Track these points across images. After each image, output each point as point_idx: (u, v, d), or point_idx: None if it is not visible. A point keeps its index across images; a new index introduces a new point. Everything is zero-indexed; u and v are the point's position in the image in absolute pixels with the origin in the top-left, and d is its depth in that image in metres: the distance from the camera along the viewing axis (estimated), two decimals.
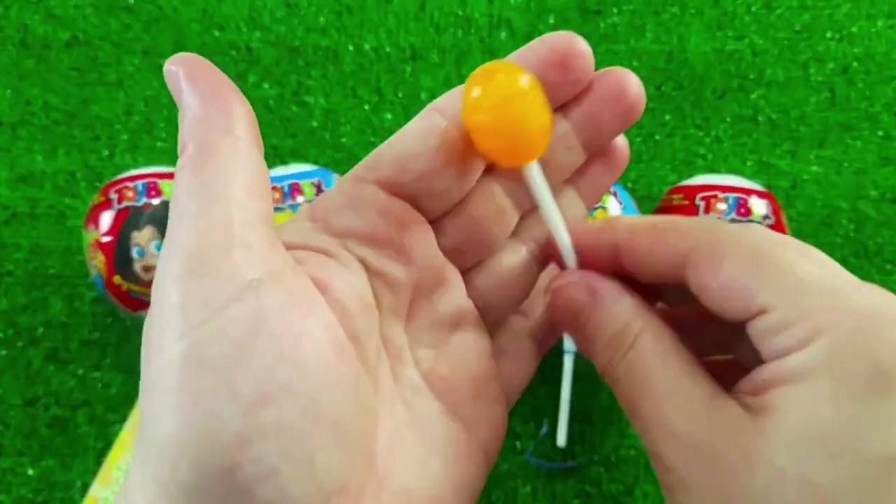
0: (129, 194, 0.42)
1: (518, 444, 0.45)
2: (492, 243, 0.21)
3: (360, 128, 0.51)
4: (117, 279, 0.41)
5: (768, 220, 0.42)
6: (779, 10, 0.54)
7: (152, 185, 0.43)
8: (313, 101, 0.52)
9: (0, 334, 0.47)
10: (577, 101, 0.20)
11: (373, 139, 0.51)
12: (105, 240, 0.41)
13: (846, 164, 0.50)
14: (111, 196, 0.42)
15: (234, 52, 0.53)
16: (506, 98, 0.18)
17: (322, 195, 0.20)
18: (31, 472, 0.44)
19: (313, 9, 0.54)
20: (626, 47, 0.53)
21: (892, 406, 0.14)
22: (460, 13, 0.53)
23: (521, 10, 0.53)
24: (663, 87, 0.52)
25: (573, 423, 0.44)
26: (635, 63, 0.53)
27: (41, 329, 0.47)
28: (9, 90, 0.52)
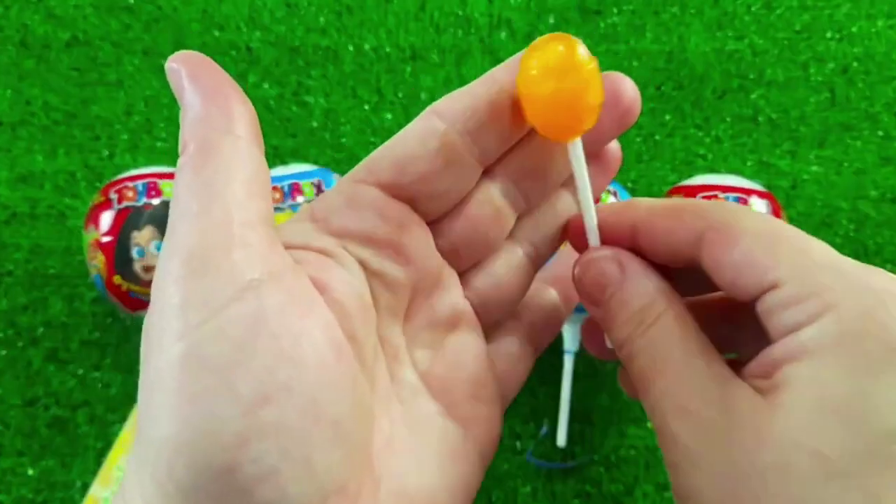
0: (129, 194, 0.42)
1: (518, 444, 0.45)
2: (489, 245, 0.21)
3: (360, 128, 0.51)
4: (117, 279, 0.41)
5: None
6: (779, 10, 0.54)
7: (152, 185, 0.43)
8: (313, 101, 0.52)
9: (0, 334, 0.47)
10: None
11: (373, 139, 0.51)
12: (105, 240, 0.41)
13: (846, 164, 0.50)
14: (111, 196, 0.42)
15: (234, 52, 0.53)
16: (566, 70, 0.18)
17: (322, 196, 0.20)
18: (31, 472, 0.44)
19: (313, 9, 0.54)
20: (626, 47, 0.53)
21: None
22: (460, 13, 0.53)
23: (521, 10, 0.53)
24: (663, 88, 0.52)
25: (573, 423, 0.44)
26: (635, 63, 0.53)
27: (41, 329, 0.47)
28: (9, 90, 0.52)
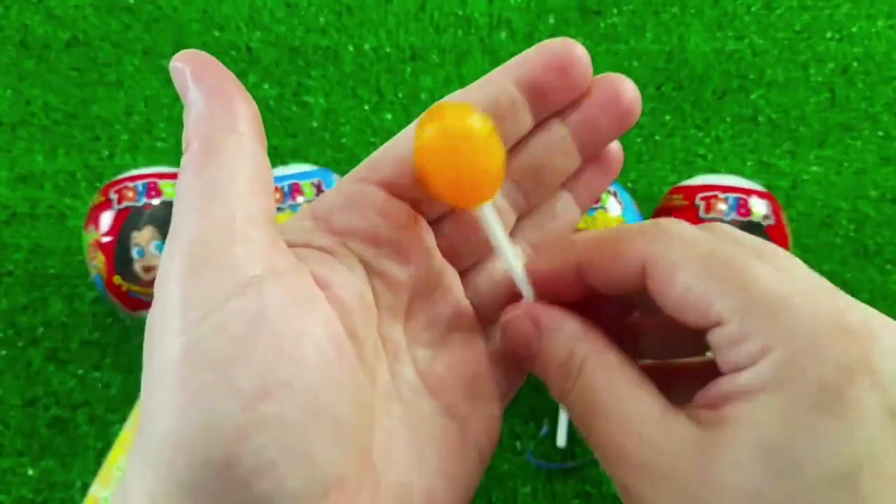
0: (129, 194, 0.42)
1: (518, 444, 0.45)
2: (489, 245, 0.21)
3: (360, 128, 0.51)
4: (117, 279, 0.41)
5: (768, 221, 0.42)
6: (779, 11, 0.54)
7: (152, 185, 0.43)
8: (313, 101, 0.52)
9: (0, 334, 0.47)
10: (574, 106, 0.21)
11: (373, 139, 0.51)
12: (105, 240, 0.41)
13: (846, 164, 0.50)
14: (111, 196, 0.42)
15: (234, 53, 0.53)
16: (456, 140, 0.18)
17: (323, 195, 0.20)
18: (31, 472, 0.44)
19: (313, 9, 0.54)
20: (626, 47, 0.53)
21: (835, 423, 0.15)
22: (460, 13, 0.53)
23: (521, 10, 0.53)
24: (663, 88, 0.52)
25: (573, 424, 0.44)
26: (635, 63, 0.53)
27: (41, 329, 0.47)
28: (9, 90, 0.52)
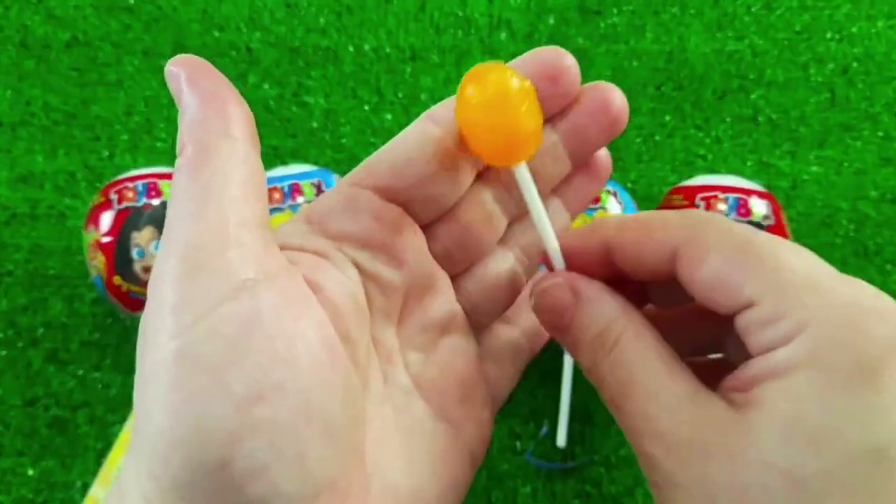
0: (129, 195, 0.42)
1: (518, 444, 0.45)
2: (481, 249, 0.22)
3: (360, 128, 0.51)
4: (117, 280, 0.41)
5: (768, 221, 0.42)
6: (779, 11, 0.54)
7: (152, 185, 0.43)
8: (313, 101, 0.52)
9: (0, 335, 0.47)
10: (564, 113, 0.21)
11: (373, 140, 0.51)
12: (105, 240, 0.41)
13: (846, 164, 0.50)
14: (111, 196, 0.42)
15: (234, 53, 0.53)
16: (497, 96, 0.18)
17: (318, 199, 0.20)
18: (31, 473, 0.44)
19: (313, 9, 0.54)
20: (626, 47, 0.53)
21: (872, 398, 0.15)
22: (460, 13, 0.53)
23: (521, 10, 0.53)
24: (663, 88, 0.52)
25: (573, 424, 0.44)
26: (635, 63, 0.53)
27: (41, 330, 0.47)
28: (9, 90, 0.52)
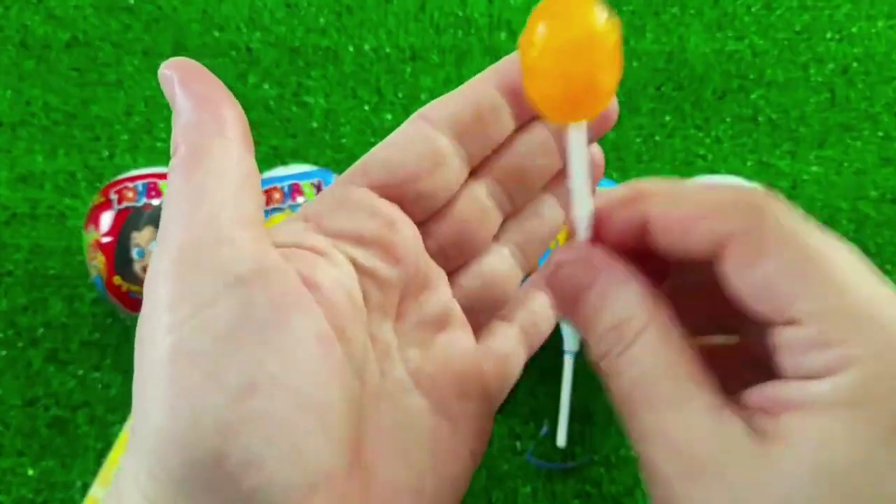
0: (129, 195, 0.42)
1: (518, 444, 0.45)
2: (476, 245, 0.22)
3: (360, 128, 0.51)
4: (117, 280, 0.41)
5: None
6: (779, 11, 0.54)
7: (152, 185, 0.43)
8: (313, 101, 0.52)
9: (0, 335, 0.47)
10: None
11: (373, 139, 0.51)
12: (105, 240, 0.41)
13: (846, 164, 0.50)
14: (111, 196, 0.42)
15: (234, 53, 0.53)
16: (579, 42, 0.15)
17: (316, 197, 0.20)
18: (31, 473, 0.44)
19: (313, 9, 0.54)
20: (626, 48, 0.53)
21: None
22: (460, 13, 0.53)
23: (521, 10, 0.53)
24: (663, 88, 0.52)
25: (573, 424, 0.44)
26: (635, 63, 0.53)
27: (41, 330, 0.47)
28: (9, 90, 0.52)
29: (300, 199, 0.43)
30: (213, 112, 0.17)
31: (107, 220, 0.42)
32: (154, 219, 0.42)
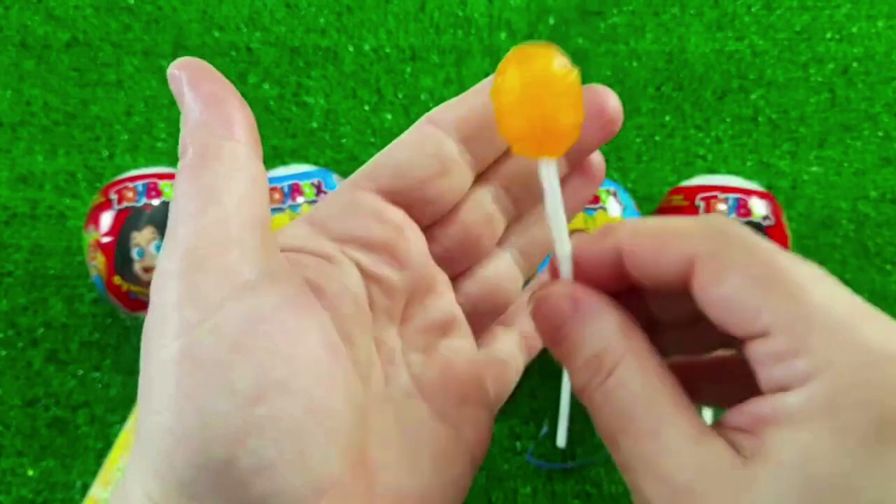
0: (129, 195, 0.42)
1: (518, 444, 0.45)
2: (480, 251, 0.22)
3: (360, 128, 0.51)
4: (117, 280, 0.41)
5: (768, 221, 0.42)
6: (779, 11, 0.54)
7: (152, 185, 0.43)
8: (313, 101, 0.52)
9: (0, 335, 0.47)
10: None
11: (372, 140, 0.51)
12: (105, 240, 0.41)
13: (846, 164, 0.50)
14: (111, 196, 0.42)
15: (234, 53, 0.53)
16: (538, 83, 0.17)
17: (321, 201, 0.20)
18: (31, 473, 0.44)
19: (313, 9, 0.54)
20: (626, 48, 0.53)
21: (891, 459, 0.14)
22: (460, 13, 0.53)
23: (521, 10, 0.53)
24: (663, 88, 0.52)
25: (573, 424, 0.44)
26: (635, 63, 0.53)
27: (41, 330, 0.47)
28: (9, 90, 0.52)
29: (300, 199, 0.43)
30: (221, 113, 0.17)
31: (107, 220, 0.42)
32: (154, 219, 0.42)
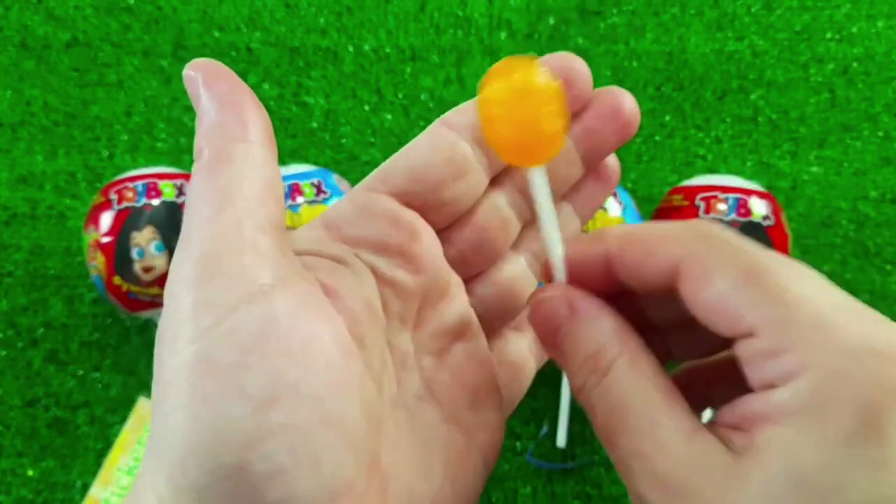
0: (129, 195, 0.42)
1: (518, 444, 0.45)
2: (495, 254, 0.22)
3: (360, 128, 0.51)
4: (117, 280, 0.41)
5: (768, 221, 0.42)
6: (779, 11, 0.54)
7: (152, 185, 0.43)
8: (313, 101, 0.52)
9: (0, 335, 0.47)
10: (576, 117, 0.21)
11: (372, 140, 0.51)
12: (105, 240, 0.41)
13: (846, 164, 0.50)
14: (111, 197, 0.42)
15: (234, 53, 0.53)
16: (521, 92, 0.18)
17: (335, 204, 0.20)
18: (31, 473, 0.44)
19: (313, 9, 0.54)
20: (626, 48, 0.53)
21: (875, 451, 0.14)
22: (460, 14, 0.53)
23: (521, 10, 0.53)
24: (663, 88, 0.52)
25: (573, 424, 0.44)
26: (635, 63, 0.53)
27: (41, 330, 0.47)
28: (9, 91, 0.52)
29: (300, 199, 0.43)
30: (236, 114, 0.17)
31: (107, 220, 0.42)
32: (154, 219, 0.42)
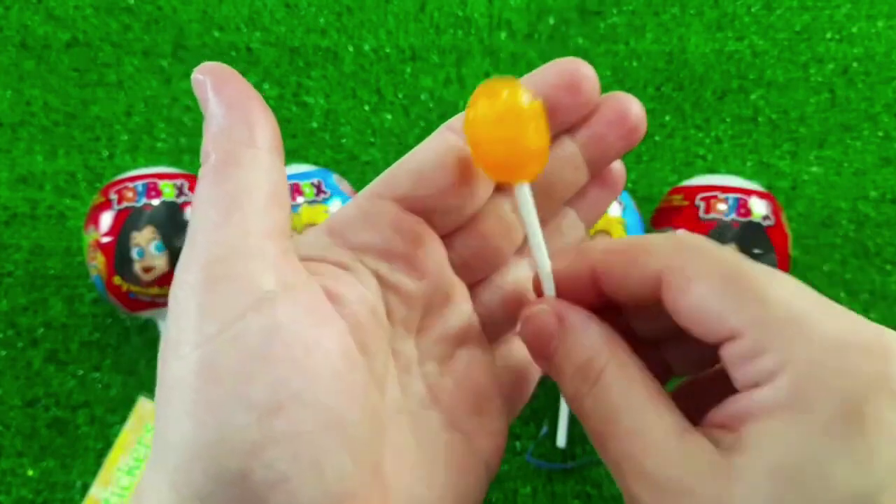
0: (129, 195, 0.42)
1: (518, 444, 0.45)
2: (499, 260, 0.22)
3: (360, 128, 0.51)
4: (117, 280, 0.41)
5: (768, 221, 0.42)
6: (779, 11, 0.54)
7: (152, 185, 0.43)
8: (313, 101, 0.52)
9: (0, 335, 0.47)
10: (583, 123, 0.21)
11: (372, 140, 0.51)
12: (105, 240, 0.41)
13: (846, 164, 0.50)
14: (111, 197, 0.42)
15: (234, 53, 0.53)
16: (506, 113, 0.18)
17: (339, 210, 0.20)
18: (31, 473, 0.44)
19: (313, 9, 0.54)
20: (626, 48, 0.53)
21: (857, 441, 0.14)
22: (460, 14, 0.53)
23: (520, 10, 0.53)
24: (663, 88, 0.52)
25: (573, 424, 0.44)
26: (635, 63, 0.53)
27: (41, 330, 0.47)
28: (9, 91, 0.52)
29: (300, 199, 0.43)
30: (244, 118, 0.17)
31: (107, 220, 0.42)
32: (154, 219, 0.42)
